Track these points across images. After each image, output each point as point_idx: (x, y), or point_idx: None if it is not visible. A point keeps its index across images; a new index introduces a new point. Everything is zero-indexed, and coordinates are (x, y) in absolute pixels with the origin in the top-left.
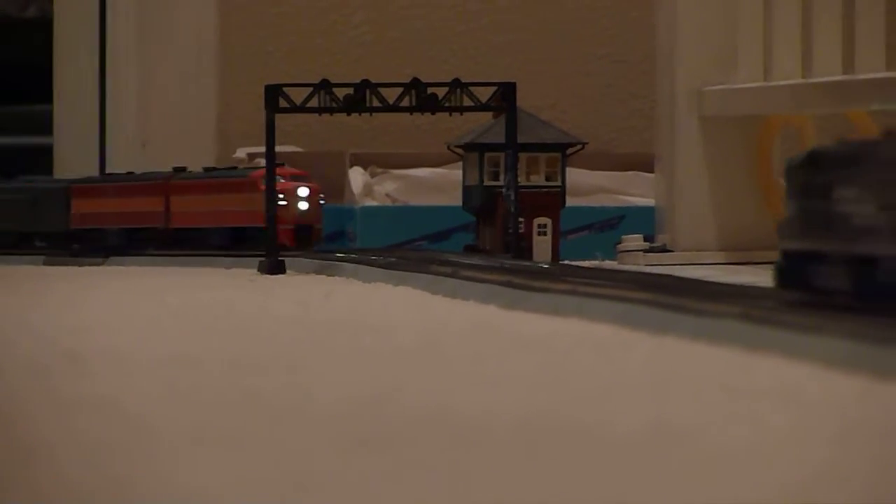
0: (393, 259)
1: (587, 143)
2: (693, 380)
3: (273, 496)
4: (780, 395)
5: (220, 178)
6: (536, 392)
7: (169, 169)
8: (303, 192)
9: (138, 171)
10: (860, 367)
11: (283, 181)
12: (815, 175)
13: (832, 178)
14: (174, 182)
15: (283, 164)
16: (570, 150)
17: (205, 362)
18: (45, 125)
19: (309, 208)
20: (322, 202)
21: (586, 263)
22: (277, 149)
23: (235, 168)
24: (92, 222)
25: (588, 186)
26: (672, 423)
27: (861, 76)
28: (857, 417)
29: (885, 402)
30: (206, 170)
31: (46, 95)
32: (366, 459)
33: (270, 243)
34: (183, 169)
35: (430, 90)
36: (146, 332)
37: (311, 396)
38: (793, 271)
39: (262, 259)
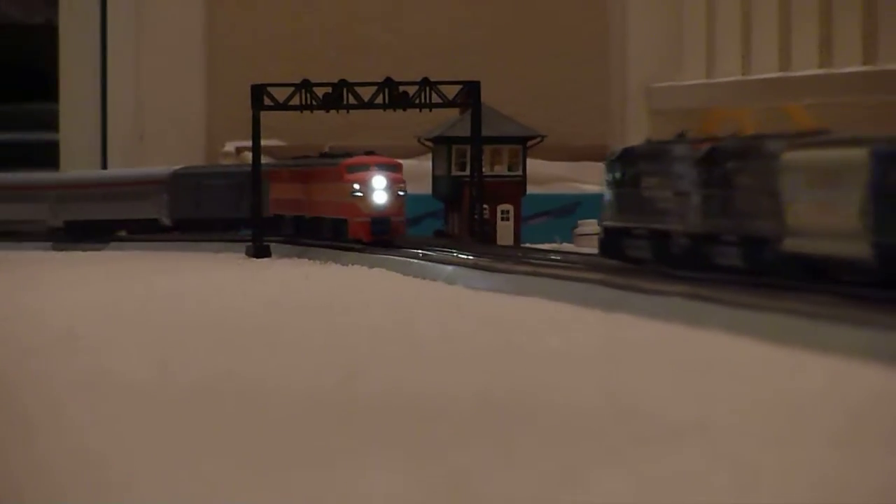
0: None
1: (546, 136)
2: (641, 352)
3: (253, 468)
4: (721, 366)
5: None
6: (497, 366)
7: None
8: (379, 182)
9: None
10: (798, 342)
11: (362, 171)
12: (627, 167)
13: (640, 170)
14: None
15: (372, 153)
16: (530, 143)
17: (189, 340)
18: (51, 122)
19: (387, 200)
20: (402, 193)
21: (545, 246)
22: (263, 142)
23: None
24: (282, 209)
25: (547, 176)
26: (622, 392)
27: (795, 73)
28: (786, 387)
29: (814, 373)
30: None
31: (52, 95)
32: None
33: (256, 229)
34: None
35: (401, 88)
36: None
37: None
38: (611, 243)
39: (249, 244)
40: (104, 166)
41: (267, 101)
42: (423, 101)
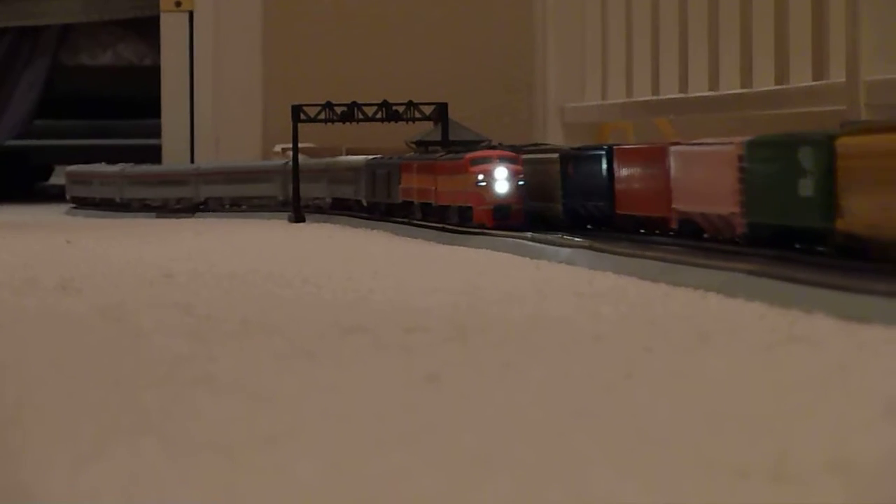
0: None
1: (491, 140)
2: (557, 287)
3: (288, 364)
4: (615, 297)
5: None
6: (458, 296)
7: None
8: (501, 173)
9: (217, 159)
10: (665, 280)
11: (485, 164)
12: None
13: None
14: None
15: (495, 146)
16: (481, 145)
17: (247, 276)
18: (156, 132)
19: (508, 189)
20: (521, 183)
21: None
22: (300, 144)
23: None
24: (411, 196)
25: None
26: (546, 314)
27: (662, 97)
28: (662, 312)
29: (679, 298)
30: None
31: (157, 113)
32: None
33: (295, 205)
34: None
35: (393, 108)
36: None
37: (320, 289)
38: None
39: (290, 214)
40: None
41: (302, 116)
42: (408, 116)
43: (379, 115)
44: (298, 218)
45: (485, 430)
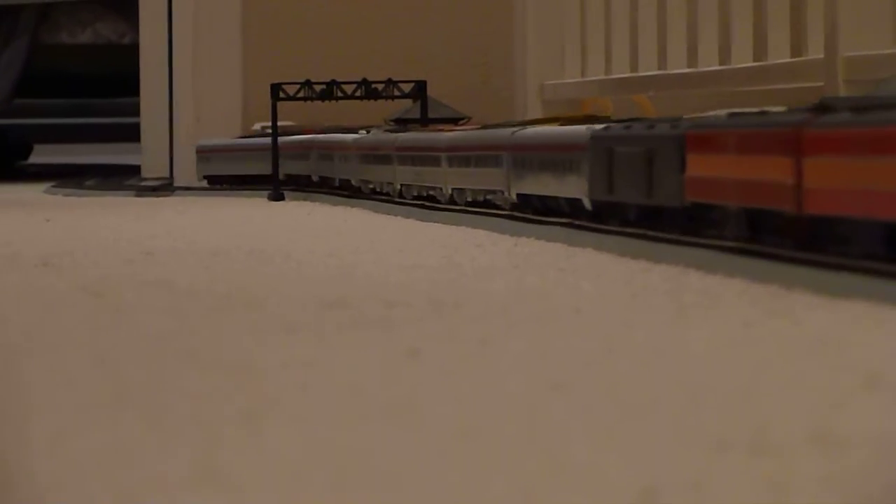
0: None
1: (471, 118)
2: (536, 263)
3: (269, 339)
4: (589, 274)
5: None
6: (437, 272)
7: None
8: None
9: (189, 139)
10: (642, 257)
11: None
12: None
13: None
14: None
15: None
16: (459, 122)
17: (228, 253)
18: (135, 111)
19: None
20: None
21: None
22: (280, 122)
23: None
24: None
25: None
26: (526, 286)
27: (641, 73)
28: (641, 284)
29: (659, 274)
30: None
31: (136, 91)
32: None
33: (275, 182)
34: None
35: (373, 85)
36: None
37: (300, 265)
38: None
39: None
40: (171, 142)
41: (281, 95)
42: (388, 94)
43: (358, 93)
44: (278, 196)
45: (464, 403)
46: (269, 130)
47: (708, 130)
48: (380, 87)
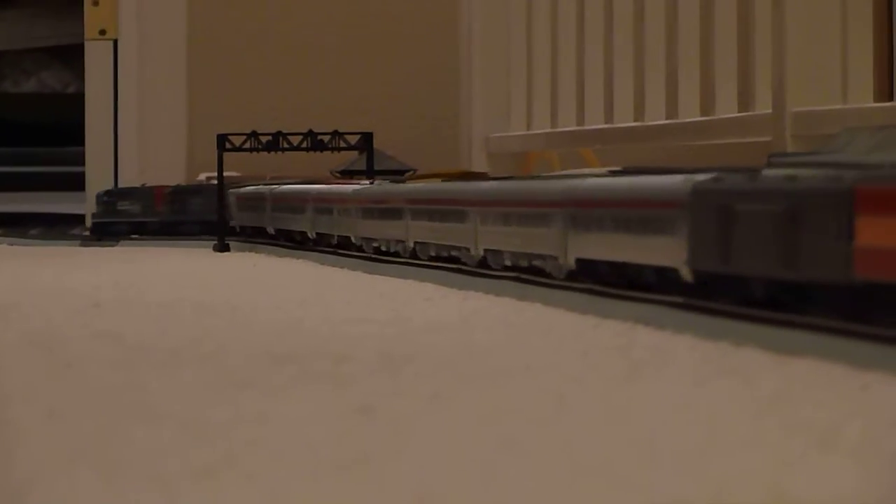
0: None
1: (417, 170)
2: (487, 317)
3: (220, 394)
4: (539, 329)
5: None
6: (386, 326)
7: None
8: None
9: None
10: (590, 312)
11: None
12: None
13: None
14: None
15: None
16: (406, 175)
17: (176, 305)
18: (80, 160)
19: None
20: None
21: None
22: (225, 172)
23: None
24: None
25: None
26: (475, 344)
27: (587, 127)
28: (591, 340)
29: (611, 329)
30: None
31: (80, 141)
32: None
33: (221, 233)
34: None
35: (318, 137)
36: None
37: (252, 313)
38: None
39: (215, 242)
40: None
41: (227, 145)
42: (333, 145)
43: (304, 145)
44: (223, 247)
45: (417, 461)
46: (215, 181)
47: (890, 185)
48: (326, 138)
